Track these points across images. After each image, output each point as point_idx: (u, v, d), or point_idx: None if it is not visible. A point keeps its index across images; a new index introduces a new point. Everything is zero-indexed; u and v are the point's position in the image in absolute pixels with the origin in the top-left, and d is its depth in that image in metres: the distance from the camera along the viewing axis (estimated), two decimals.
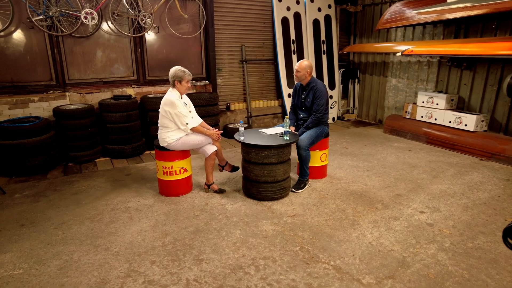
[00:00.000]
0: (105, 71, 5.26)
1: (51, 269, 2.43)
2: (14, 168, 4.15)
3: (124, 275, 2.36)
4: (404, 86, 6.54)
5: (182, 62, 5.88)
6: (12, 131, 4.09)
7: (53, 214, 3.25)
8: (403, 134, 5.99)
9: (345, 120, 7.59)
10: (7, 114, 4.51)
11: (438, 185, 3.92)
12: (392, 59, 6.66)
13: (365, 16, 7.14)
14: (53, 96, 4.78)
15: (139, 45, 5.41)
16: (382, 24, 5.90)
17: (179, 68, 3.43)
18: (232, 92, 6.54)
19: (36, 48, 4.67)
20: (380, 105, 7.15)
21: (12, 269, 2.44)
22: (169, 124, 3.41)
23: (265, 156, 3.33)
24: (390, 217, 3.15)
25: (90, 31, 4.82)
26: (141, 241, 2.78)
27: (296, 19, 6.63)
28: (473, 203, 3.45)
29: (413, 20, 5.39)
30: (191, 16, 5.70)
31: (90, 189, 3.84)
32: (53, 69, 4.83)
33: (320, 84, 3.76)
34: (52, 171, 4.40)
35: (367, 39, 7.19)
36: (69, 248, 2.69)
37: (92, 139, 4.76)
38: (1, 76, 4.52)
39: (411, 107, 5.96)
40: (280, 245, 2.70)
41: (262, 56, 6.69)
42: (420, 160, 4.77)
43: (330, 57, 7.18)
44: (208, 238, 2.83)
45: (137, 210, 3.32)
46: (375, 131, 6.55)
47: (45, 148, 4.29)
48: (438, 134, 5.41)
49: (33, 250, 2.67)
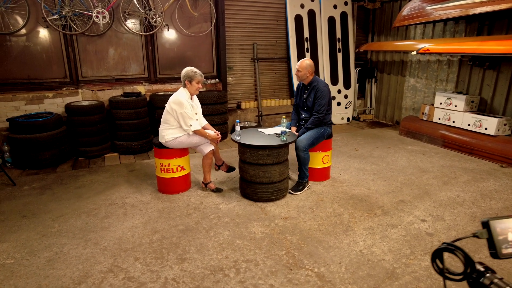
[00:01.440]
0: (117, 69, 5.39)
1: (40, 260, 2.52)
2: (27, 161, 4.36)
3: (107, 270, 2.40)
4: (422, 86, 6.22)
5: (193, 60, 5.93)
6: (25, 125, 4.29)
7: (54, 206, 3.37)
8: (418, 136, 5.70)
9: (360, 121, 7.35)
10: (24, 109, 4.74)
11: (447, 192, 3.68)
12: (410, 58, 6.36)
13: (383, 13, 6.86)
14: (66, 92, 4.97)
15: (150, 43, 5.51)
16: (399, 21, 5.64)
17: (190, 69, 3.43)
18: (243, 90, 6.51)
19: (51, 47, 4.87)
20: (397, 105, 6.86)
21: (5, 258, 2.55)
22: (171, 121, 3.43)
23: (260, 157, 3.27)
24: (388, 224, 3.00)
25: (101, 30, 4.95)
26: (130, 237, 2.82)
27: (310, 17, 6.48)
28: (483, 213, 3.21)
29: (432, 17, 5.10)
30: (202, 14, 5.72)
31: (93, 183, 3.95)
32: (67, 66, 5.02)
33: (322, 84, 3.64)
34: (62, 165, 4.58)
35: (385, 37, 6.91)
36: (61, 240, 2.78)
37: (101, 135, 4.90)
38: (19, 73, 4.75)
39: (428, 109, 5.66)
40: (266, 248, 2.64)
41: (275, 55, 6.60)
42: (433, 165, 4.52)
43: (346, 55, 6.97)
44: (195, 237, 2.82)
45: (133, 206, 3.38)
46: (390, 133, 6.28)
47: (56, 142, 4.46)
48: (455, 137, 5.10)
49: (28, 241, 2.78)
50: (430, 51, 4.83)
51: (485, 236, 0.94)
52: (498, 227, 0.94)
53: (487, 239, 0.94)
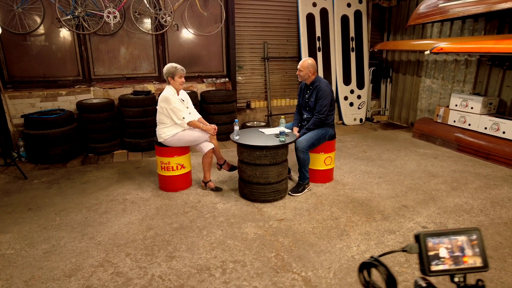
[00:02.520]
0: (128, 68, 5.52)
1: (38, 252, 2.61)
2: (39, 156, 4.54)
3: (98, 264, 2.46)
4: (438, 87, 5.97)
5: (202, 59, 5.97)
6: (38, 122, 4.47)
7: (58, 200, 3.49)
8: (432, 139, 5.48)
9: (374, 122, 7.15)
10: (39, 106, 4.94)
11: (455, 198, 3.52)
12: (426, 58, 6.12)
13: (400, 12, 6.63)
14: (79, 90, 5.13)
15: (161, 43, 5.59)
16: (414, 20, 5.43)
17: (171, 65, 3.47)
18: (253, 89, 6.49)
19: (65, 46, 5.05)
20: (412, 107, 6.62)
21: (6, 248, 2.67)
22: (165, 120, 3.47)
23: (257, 157, 3.25)
24: (386, 230, 2.90)
25: (112, 30, 5.07)
26: (125, 233, 2.88)
27: (322, 15, 6.37)
28: (490, 221, 3.04)
29: (448, 14, 4.88)
30: (212, 13, 5.75)
31: (99, 179, 4.06)
32: (80, 65, 5.19)
33: (324, 84, 3.56)
34: (72, 160, 4.74)
35: (401, 36, 6.68)
36: (60, 234, 2.87)
37: (111, 132, 5.03)
38: (35, 71, 4.96)
39: (443, 111, 5.43)
40: (256, 250, 2.62)
41: (286, 54, 6.54)
42: (443, 169, 4.33)
43: (360, 55, 6.80)
44: (188, 235, 2.83)
45: (133, 203, 3.44)
46: (404, 135, 6.08)
47: (67, 138, 4.62)
48: (470, 141, 4.86)
49: (30, 233, 2.89)
50: (444, 51, 4.62)
51: (414, 251, 0.88)
52: (431, 242, 0.88)
53: (418, 254, 0.87)
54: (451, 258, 0.87)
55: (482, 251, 0.88)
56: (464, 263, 0.87)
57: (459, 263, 0.87)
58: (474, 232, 0.89)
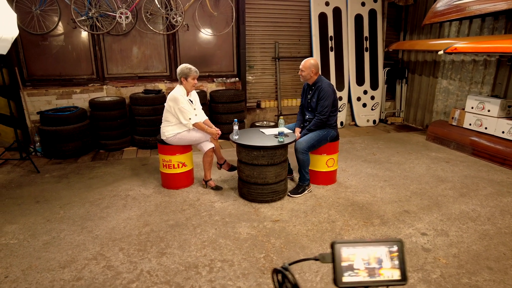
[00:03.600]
0: (140, 67, 5.65)
1: (38, 243, 2.73)
2: (53, 151, 4.74)
3: (91, 257, 2.54)
4: (455, 89, 5.73)
5: (213, 59, 6.03)
6: (51, 118, 4.67)
7: (65, 194, 3.63)
8: (446, 142, 5.27)
9: (388, 124, 6.96)
10: (55, 103, 5.16)
11: (461, 204, 3.37)
12: (443, 58, 5.89)
13: (417, 10, 6.42)
14: (92, 88, 5.32)
15: (172, 43, 5.69)
16: (430, 18, 5.23)
17: (185, 66, 3.52)
18: (263, 89, 6.48)
19: (80, 46, 5.24)
20: (428, 109, 6.39)
21: (10, 238, 2.81)
22: (171, 118, 3.53)
23: (255, 157, 3.24)
24: (382, 236, 2.81)
25: (124, 30, 5.22)
26: (122, 228, 2.95)
27: (335, 15, 6.27)
28: (497, 231, 2.89)
29: (465, 12, 4.67)
30: (222, 13, 5.78)
31: (105, 175, 4.19)
32: (94, 64, 5.37)
33: (326, 84, 3.51)
34: (83, 156, 4.91)
35: (418, 35, 6.46)
36: (61, 226, 2.99)
37: (121, 129, 5.18)
38: (52, 70, 5.18)
39: (458, 113, 5.21)
40: (246, 250, 2.62)
41: (298, 53, 6.48)
42: (454, 174, 4.15)
43: (374, 55, 6.64)
44: (182, 233, 2.87)
45: (134, 199, 3.53)
46: (417, 138, 5.87)
47: (79, 135, 4.80)
48: (486, 145, 4.63)
49: (34, 224, 3.03)
50: (458, 51, 4.43)
51: (328, 260, 0.85)
52: (346, 251, 0.84)
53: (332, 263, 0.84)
54: (366, 270, 0.83)
55: (401, 263, 0.83)
56: (379, 275, 0.83)
57: (374, 275, 0.83)
58: (395, 243, 0.84)
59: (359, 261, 0.83)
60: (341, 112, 6.63)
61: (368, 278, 0.82)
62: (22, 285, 2.26)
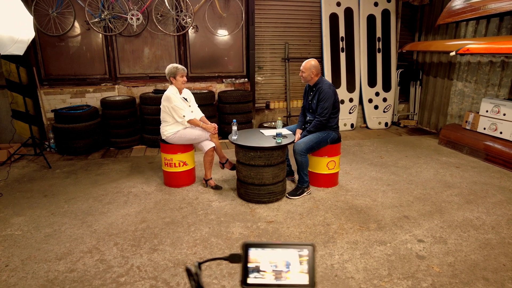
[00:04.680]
0: (151, 67, 5.79)
1: (40, 235, 2.86)
2: (65, 148, 4.94)
3: (87, 251, 2.63)
4: (471, 91, 5.51)
5: (222, 60, 6.09)
6: (64, 116, 4.87)
7: (71, 189, 3.78)
8: (459, 147, 5.07)
9: (401, 127, 6.79)
10: (69, 102, 5.37)
11: (466, 212, 3.24)
12: (459, 59, 5.67)
13: (433, 10, 6.22)
14: (104, 88, 5.50)
15: (182, 43, 5.79)
16: (444, 18, 5.07)
17: (172, 65, 3.59)
18: (272, 90, 6.48)
19: (94, 46, 5.43)
20: (442, 112, 6.18)
21: (16, 229, 2.95)
22: (167, 118, 3.61)
23: (251, 158, 3.26)
24: (376, 241, 2.76)
25: (134, 31, 5.36)
26: (119, 224, 3.04)
27: (347, 15, 6.18)
28: (500, 240, 2.76)
29: (480, 12, 4.49)
30: (232, 14, 5.83)
31: (112, 172, 4.32)
32: (107, 64, 5.55)
33: (326, 86, 3.47)
34: (94, 153, 5.09)
35: (433, 36, 6.26)
36: (63, 220, 3.12)
37: (130, 128, 5.32)
38: (67, 70, 5.40)
39: (472, 117, 5.00)
40: (235, 250, 2.63)
41: (308, 54, 6.43)
42: (463, 180, 4.00)
43: (387, 56, 6.49)
44: (176, 230, 2.93)
45: (136, 196, 3.62)
46: (429, 142, 5.69)
47: (90, 133, 4.97)
48: (501, 150, 4.43)
49: (39, 217, 3.17)
50: (471, 52, 4.26)
51: (237, 260, 0.84)
52: (254, 253, 0.83)
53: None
54: (273, 272, 0.81)
55: (311, 268, 0.81)
56: (286, 279, 0.81)
57: (280, 279, 0.81)
58: (306, 247, 0.83)
59: (267, 263, 0.82)
60: (352, 114, 6.53)
61: (274, 281, 0.81)
62: (20, 274, 2.38)
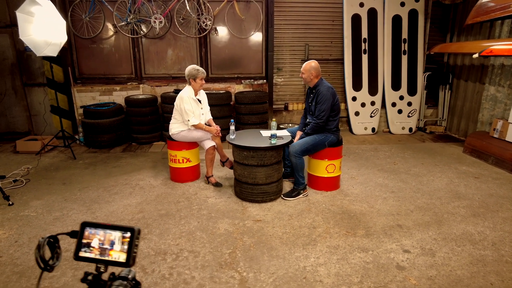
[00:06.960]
0: (174, 68, 6.09)
1: (50, 218, 3.19)
2: (91, 142, 5.39)
3: None
4: (503, 97, 5.08)
5: (242, 61, 6.22)
6: (91, 112, 5.31)
7: (87, 179, 4.14)
8: (484, 157, 4.71)
9: (426, 132, 6.43)
10: (98, 99, 5.85)
11: (468, 225, 3.03)
12: (492, 62, 5.25)
13: (467, 9, 5.80)
14: (130, 87, 5.90)
15: (203, 45, 6.02)
16: (472, 18, 4.74)
17: (193, 67, 3.75)
18: (291, 92, 6.49)
19: (122, 48, 5.85)
20: (472, 118, 5.75)
21: (32, 211, 3.32)
22: (177, 116, 3.81)
23: (245, 157, 3.34)
24: (359, 247, 2.70)
25: (157, 33, 5.68)
26: (119, 213, 3.29)
27: (370, 16, 6.00)
28: (497, 258, 2.56)
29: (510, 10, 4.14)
30: (252, 16, 5.94)
31: (127, 165, 4.64)
32: (133, 65, 5.95)
33: (325, 88, 3.44)
34: (116, 147, 5.48)
35: (465, 36, 5.86)
36: (73, 205, 3.44)
37: (151, 125, 5.66)
38: (97, 70, 5.88)
39: (501, 124, 4.62)
40: (216, 244, 2.74)
41: (329, 56, 6.35)
42: (477, 192, 3.72)
43: (413, 58, 6.19)
44: (167, 222, 3.10)
45: (141, 188, 3.87)
46: (453, 149, 5.34)
47: (114, 128, 5.37)
48: None
49: (54, 202, 3.53)
50: (494, 53, 3.95)
51: (74, 236, 0.97)
52: (88, 231, 0.95)
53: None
54: (99, 249, 0.95)
55: (129, 249, 0.95)
56: (108, 256, 0.95)
57: (104, 255, 0.95)
58: (129, 230, 0.94)
59: (96, 241, 0.94)
60: (373, 118, 6.32)
61: (98, 256, 0.96)
62: (25, 249, 2.69)
